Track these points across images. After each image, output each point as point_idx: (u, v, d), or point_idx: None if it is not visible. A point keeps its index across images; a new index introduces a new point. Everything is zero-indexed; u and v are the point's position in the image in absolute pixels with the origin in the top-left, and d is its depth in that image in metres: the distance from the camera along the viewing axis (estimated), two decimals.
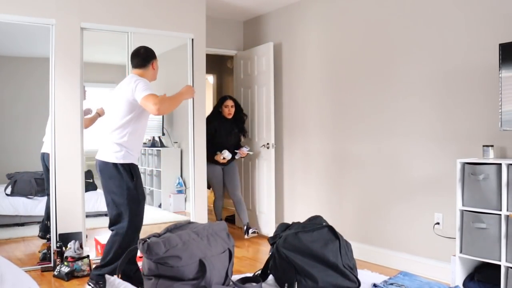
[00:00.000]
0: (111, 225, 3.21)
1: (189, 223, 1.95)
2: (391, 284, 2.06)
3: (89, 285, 3.21)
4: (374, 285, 2.04)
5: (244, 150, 5.10)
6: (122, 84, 3.22)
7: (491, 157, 3.11)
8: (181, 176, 4.97)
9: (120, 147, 3.13)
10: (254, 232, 5.00)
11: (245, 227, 5.03)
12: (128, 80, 3.18)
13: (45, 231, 4.10)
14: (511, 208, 2.89)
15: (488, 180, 2.97)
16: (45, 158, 4.06)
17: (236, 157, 5.12)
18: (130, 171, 3.16)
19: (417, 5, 3.78)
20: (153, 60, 3.30)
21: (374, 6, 4.14)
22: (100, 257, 4.15)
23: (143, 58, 3.26)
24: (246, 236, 4.99)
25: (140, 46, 3.35)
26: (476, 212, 3.03)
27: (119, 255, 3.06)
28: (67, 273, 3.59)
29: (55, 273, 3.67)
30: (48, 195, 4.04)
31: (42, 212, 4.17)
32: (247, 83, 5.59)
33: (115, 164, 3.12)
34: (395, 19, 3.96)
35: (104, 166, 3.15)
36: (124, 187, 3.12)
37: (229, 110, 5.06)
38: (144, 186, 5.04)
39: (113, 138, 3.15)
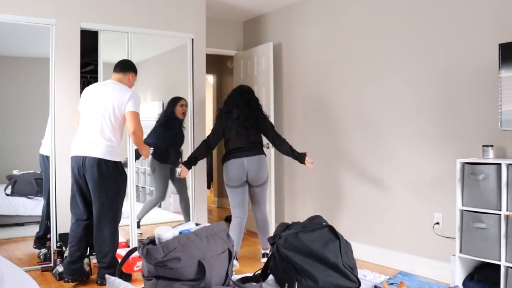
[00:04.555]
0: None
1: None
2: (391, 284, 2.06)
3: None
4: (375, 287, 2.04)
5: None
6: (107, 89, 3.50)
7: (491, 157, 3.11)
8: None
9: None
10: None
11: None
12: (118, 88, 3.50)
13: (40, 243, 4.06)
14: (510, 208, 2.89)
15: (488, 180, 2.97)
16: (44, 160, 4.06)
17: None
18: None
19: (417, 5, 3.79)
20: (132, 72, 3.65)
21: (374, 6, 4.15)
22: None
23: (125, 65, 3.64)
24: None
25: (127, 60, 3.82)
26: (476, 212, 3.03)
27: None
28: (60, 273, 3.58)
29: (53, 272, 3.67)
30: (46, 198, 4.05)
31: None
32: (247, 83, 5.57)
33: (107, 161, 3.42)
34: (395, 19, 3.96)
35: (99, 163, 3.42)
36: (117, 183, 3.47)
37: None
38: (144, 186, 5.10)
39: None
